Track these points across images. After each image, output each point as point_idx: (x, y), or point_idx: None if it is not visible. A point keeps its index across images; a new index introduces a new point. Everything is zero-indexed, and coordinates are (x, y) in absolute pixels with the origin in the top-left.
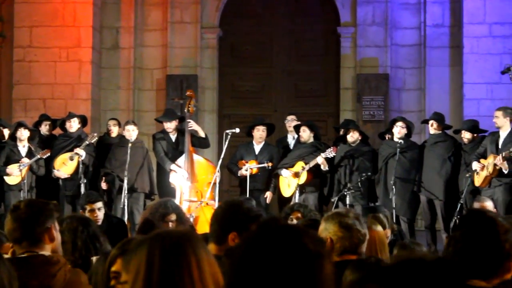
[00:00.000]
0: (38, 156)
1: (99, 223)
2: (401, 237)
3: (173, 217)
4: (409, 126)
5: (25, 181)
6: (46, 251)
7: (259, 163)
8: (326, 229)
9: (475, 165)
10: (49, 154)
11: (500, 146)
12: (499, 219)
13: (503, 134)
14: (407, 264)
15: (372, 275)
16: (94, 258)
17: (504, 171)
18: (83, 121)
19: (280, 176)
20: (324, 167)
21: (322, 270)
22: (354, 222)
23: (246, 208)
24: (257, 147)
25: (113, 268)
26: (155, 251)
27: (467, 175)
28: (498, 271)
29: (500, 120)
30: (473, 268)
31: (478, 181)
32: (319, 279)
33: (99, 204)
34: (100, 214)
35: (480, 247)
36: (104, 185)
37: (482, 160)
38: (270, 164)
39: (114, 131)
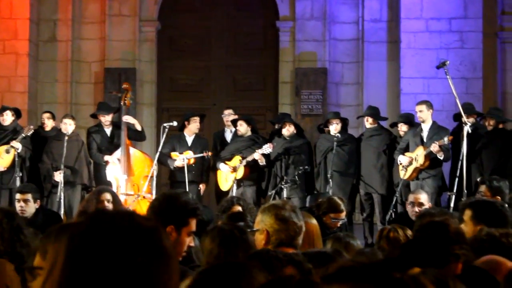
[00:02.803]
0: None
1: (25, 215)
2: (346, 229)
3: (107, 195)
4: (344, 121)
5: None
6: None
7: (195, 154)
8: (263, 221)
9: (402, 159)
10: None
11: (425, 139)
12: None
13: (425, 127)
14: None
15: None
16: None
17: (439, 157)
18: (17, 113)
19: (218, 170)
20: (261, 162)
21: (161, 241)
22: (290, 215)
23: (183, 201)
24: (189, 139)
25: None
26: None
27: (401, 169)
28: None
29: (425, 113)
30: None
31: (406, 174)
32: (160, 250)
33: (28, 196)
34: (27, 207)
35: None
36: (58, 177)
37: (407, 154)
38: (210, 153)
39: (48, 124)
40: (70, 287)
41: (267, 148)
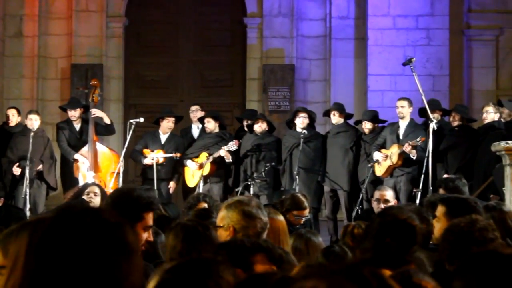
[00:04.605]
0: None
1: None
2: (310, 225)
3: (95, 189)
4: (311, 116)
5: None
6: None
7: (166, 153)
8: (229, 217)
9: (377, 155)
10: None
11: (401, 137)
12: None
13: (403, 124)
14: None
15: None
16: None
17: (412, 157)
18: None
19: (185, 167)
20: (228, 159)
21: (125, 236)
22: (257, 211)
23: (136, 196)
24: (163, 137)
25: None
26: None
27: (369, 165)
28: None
29: (406, 109)
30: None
31: (380, 171)
32: (124, 245)
33: None
34: None
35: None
36: (17, 171)
37: (383, 150)
38: (178, 154)
39: (13, 120)
40: (33, 283)
41: (232, 145)
